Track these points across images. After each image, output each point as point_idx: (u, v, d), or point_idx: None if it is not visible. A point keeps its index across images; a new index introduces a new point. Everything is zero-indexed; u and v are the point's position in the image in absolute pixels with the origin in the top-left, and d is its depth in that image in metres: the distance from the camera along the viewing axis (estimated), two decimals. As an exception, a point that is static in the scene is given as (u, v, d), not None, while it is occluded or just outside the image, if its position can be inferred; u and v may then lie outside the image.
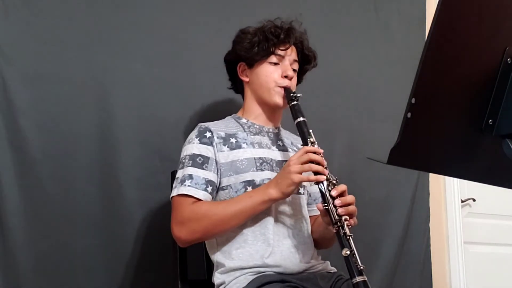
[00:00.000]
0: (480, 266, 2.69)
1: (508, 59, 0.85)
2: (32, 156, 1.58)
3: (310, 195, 1.58)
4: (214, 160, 1.41)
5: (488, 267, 2.72)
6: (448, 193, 2.67)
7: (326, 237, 1.46)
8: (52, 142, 1.62)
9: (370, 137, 2.28)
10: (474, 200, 2.74)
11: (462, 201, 2.70)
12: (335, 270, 1.47)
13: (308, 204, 1.57)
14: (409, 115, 0.76)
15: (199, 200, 1.36)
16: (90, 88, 1.70)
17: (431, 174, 2.54)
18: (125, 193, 1.70)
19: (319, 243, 1.51)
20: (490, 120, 0.85)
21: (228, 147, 1.44)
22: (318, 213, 1.44)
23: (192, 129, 1.51)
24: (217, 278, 1.37)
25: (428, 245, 2.46)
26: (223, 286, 1.35)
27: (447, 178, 2.65)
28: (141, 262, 1.70)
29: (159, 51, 1.85)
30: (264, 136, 1.51)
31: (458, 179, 2.60)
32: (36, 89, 1.62)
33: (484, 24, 0.83)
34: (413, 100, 0.76)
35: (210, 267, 1.54)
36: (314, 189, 1.57)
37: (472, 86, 0.84)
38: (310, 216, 1.55)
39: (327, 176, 1.30)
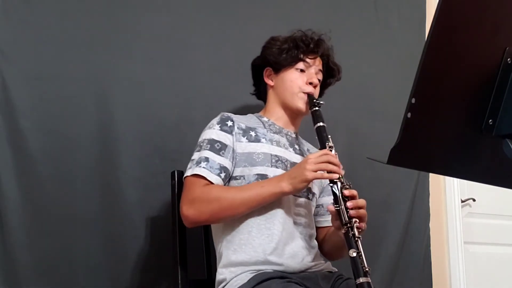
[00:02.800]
0: (480, 266, 2.69)
1: (508, 59, 0.85)
2: (32, 156, 1.58)
3: (322, 206, 1.59)
4: (232, 149, 1.44)
5: (488, 267, 2.72)
6: (448, 193, 2.67)
7: (339, 244, 1.45)
8: (52, 142, 1.61)
9: (370, 137, 2.27)
10: (474, 200, 2.74)
11: (462, 201, 2.70)
12: (336, 270, 1.48)
13: (321, 215, 1.58)
14: (409, 115, 0.76)
15: (211, 183, 1.38)
16: (90, 88, 1.70)
17: (431, 174, 2.53)
18: (125, 193, 1.70)
19: (331, 253, 1.53)
20: (490, 120, 0.85)
21: (247, 138, 1.47)
22: (330, 224, 1.45)
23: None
24: (219, 273, 1.38)
25: (428, 245, 2.46)
26: (224, 283, 1.36)
27: (447, 178, 2.65)
28: (141, 262, 1.70)
29: (159, 51, 1.84)
30: (283, 136, 1.54)
31: (458, 179, 2.59)
32: (36, 89, 1.62)
33: (484, 24, 0.83)
34: (413, 100, 0.76)
35: (210, 266, 1.54)
36: (326, 200, 1.59)
37: (472, 86, 0.84)
38: (322, 227, 1.57)
39: (341, 178, 1.32)
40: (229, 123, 1.47)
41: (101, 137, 1.69)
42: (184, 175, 1.43)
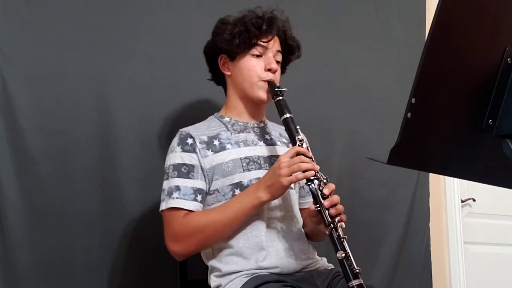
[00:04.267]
0: (480, 266, 2.69)
1: (508, 59, 0.84)
2: (31, 156, 1.58)
3: (303, 187, 1.54)
4: (200, 167, 1.38)
5: (488, 267, 2.72)
6: (448, 193, 2.67)
7: (319, 233, 1.44)
8: (52, 142, 1.61)
9: (370, 137, 2.27)
10: (474, 200, 2.74)
11: (462, 201, 2.70)
12: (333, 267, 1.46)
13: (301, 196, 1.54)
14: (409, 115, 0.76)
15: (190, 211, 1.34)
16: (90, 88, 1.70)
17: (431, 174, 2.53)
18: (125, 193, 1.70)
19: (311, 237, 1.49)
20: (490, 120, 0.85)
21: (212, 150, 1.40)
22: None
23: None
24: (213, 281, 1.36)
25: (428, 245, 2.46)
26: None
27: (447, 178, 2.65)
28: (141, 262, 1.70)
29: (159, 51, 1.84)
30: (249, 132, 1.47)
31: (458, 179, 2.59)
32: (36, 89, 1.62)
33: (484, 24, 0.83)
34: (413, 100, 0.76)
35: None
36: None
37: (472, 86, 0.84)
38: (302, 209, 1.52)
39: (317, 175, 1.27)
40: (190, 141, 1.39)
41: (101, 137, 1.69)
42: (160, 209, 1.38)
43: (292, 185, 1.46)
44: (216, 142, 1.41)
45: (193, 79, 1.89)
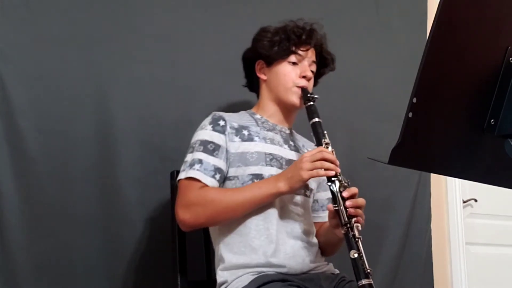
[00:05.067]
0: (482, 267, 2.68)
1: (510, 58, 0.84)
2: (31, 156, 1.58)
3: (317, 201, 1.57)
4: (225, 149, 1.42)
5: (489, 268, 2.71)
6: (449, 193, 2.67)
7: (332, 242, 1.46)
8: (51, 142, 1.61)
9: (371, 137, 2.27)
10: (475, 200, 2.73)
11: (464, 202, 2.69)
12: (338, 272, 1.46)
13: (315, 210, 1.57)
14: (410, 114, 0.76)
15: (206, 186, 1.36)
16: (89, 88, 1.70)
17: (432, 174, 2.53)
18: (125, 193, 1.70)
19: (324, 249, 1.51)
20: (492, 120, 0.84)
21: (240, 138, 1.44)
22: (324, 220, 1.45)
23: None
24: (220, 276, 1.37)
25: (430, 246, 2.45)
26: (225, 285, 1.34)
27: (449, 178, 2.64)
28: (141, 262, 1.70)
29: (159, 51, 1.84)
30: (277, 134, 1.52)
31: (460, 179, 2.59)
32: (35, 89, 1.62)
33: (486, 23, 0.83)
34: (414, 100, 0.76)
35: (210, 267, 1.54)
36: (322, 195, 1.57)
37: (473, 85, 0.84)
38: (315, 223, 1.55)
39: (338, 177, 1.30)
40: (222, 122, 1.44)
41: (101, 137, 1.69)
42: (178, 178, 1.40)
43: (308, 193, 1.49)
44: (245, 132, 1.46)
45: (193, 79, 1.88)
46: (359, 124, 2.28)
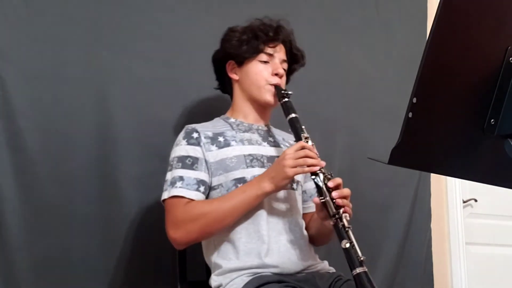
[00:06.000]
0: (482, 267, 2.68)
1: (510, 58, 0.84)
2: (30, 156, 1.57)
3: (305, 192, 1.57)
4: (204, 160, 1.41)
5: (489, 268, 2.71)
6: (449, 193, 2.67)
7: (323, 232, 1.45)
8: (51, 142, 1.61)
9: (371, 137, 2.27)
10: (475, 200, 2.74)
11: (464, 202, 2.70)
12: (334, 270, 1.46)
13: (304, 201, 1.56)
14: (410, 114, 0.76)
15: (192, 200, 1.36)
16: (89, 88, 1.70)
17: (432, 174, 2.53)
18: (125, 194, 1.69)
19: (316, 240, 1.50)
20: (492, 120, 0.84)
21: (216, 146, 1.44)
22: (314, 210, 1.43)
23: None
24: (214, 280, 1.36)
25: (430, 246, 2.45)
26: None
27: (449, 178, 2.64)
28: (140, 263, 1.69)
29: (159, 51, 1.84)
30: (254, 133, 1.51)
31: (460, 179, 2.59)
32: (35, 88, 1.61)
33: (486, 23, 0.83)
34: (414, 100, 0.76)
35: (209, 268, 1.54)
36: (309, 185, 1.57)
37: (473, 85, 0.84)
38: (306, 213, 1.54)
39: (322, 170, 1.30)
40: (195, 135, 1.44)
41: (100, 137, 1.69)
42: (162, 198, 1.40)
43: (295, 186, 1.48)
44: (221, 139, 1.46)
45: (193, 79, 1.88)
46: (359, 124, 2.28)
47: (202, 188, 1.38)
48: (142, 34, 1.82)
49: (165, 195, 1.38)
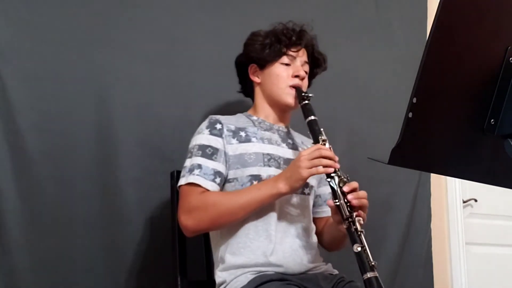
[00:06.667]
0: (482, 267, 2.68)
1: (510, 58, 0.84)
2: (30, 156, 1.57)
3: (320, 196, 1.58)
4: (223, 152, 1.43)
5: (490, 268, 2.71)
6: (449, 193, 2.66)
7: (337, 237, 1.46)
8: (51, 142, 1.61)
9: (371, 137, 2.27)
10: (476, 200, 2.73)
11: (464, 202, 2.69)
12: (337, 272, 1.46)
13: (319, 205, 1.57)
14: (410, 114, 0.76)
15: (207, 190, 1.37)
16: (89, 88, 1.70)
17: (432, 174, 2.53)
18: (125, 193, 1.69)
19: (331, 245, 1.52)
20: (492, 120, 0.84)
21: (237, 140, 1.45)
22: (328, 214, 1.45)
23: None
24: (218, 276, 1.37)
25: (430, 246, 2.45)
26: (224, 285, 1.35)
27: (449, 178, 2.64)
28: (140, 263, 1.69)
29: (159, 51, 1.84)
30: (274, 133, 1.53)
31: (460, 179, 2.59)
32: (35, 88, 1.61)
33: (486, 23, 0.83)
34: (414, 100, 0.76)
35: (210, 267, 1.54)
36: (324, 190, 1.57)
37: (473, 85, 0.84)
38: (320, 218, 1.55)
39: (337, 172, 1.30)
40: (218, 126, 1.46)
41: (100, 137, 1.69)
42: (178, 184, 1.41)
43: (307, 190, 1.49)
44: (243, 133, 1.47)
45: (193, 79, 1.88)
46: (359, 124, 2.28)
47: (218, 180, 1.39)
48: (142, 34, 1.82)
49: (182, 181, 1.39)
